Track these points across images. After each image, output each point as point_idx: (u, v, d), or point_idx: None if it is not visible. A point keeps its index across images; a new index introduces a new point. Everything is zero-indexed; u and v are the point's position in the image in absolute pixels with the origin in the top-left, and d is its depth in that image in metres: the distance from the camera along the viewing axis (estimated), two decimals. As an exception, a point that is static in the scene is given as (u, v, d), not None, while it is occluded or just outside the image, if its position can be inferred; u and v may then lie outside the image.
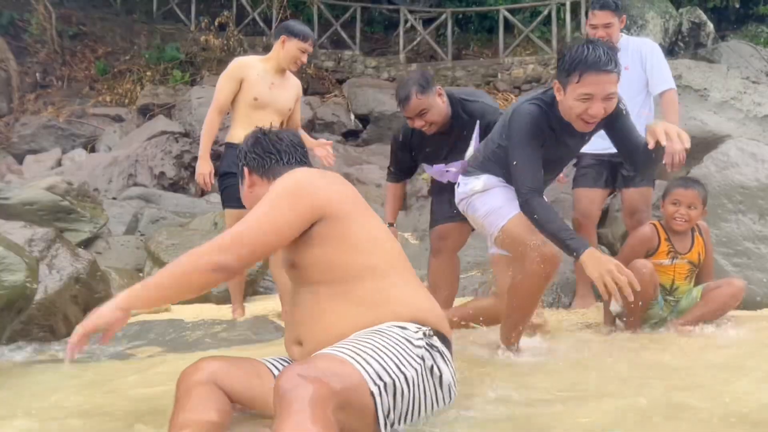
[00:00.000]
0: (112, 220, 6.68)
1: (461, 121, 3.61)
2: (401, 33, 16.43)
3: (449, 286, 3.82)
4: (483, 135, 3.50)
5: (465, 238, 3.93)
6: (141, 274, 5.46)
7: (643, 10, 15.19)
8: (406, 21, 16.63)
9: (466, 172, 3.23)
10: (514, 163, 2.87)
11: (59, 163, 11.51)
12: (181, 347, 3.62)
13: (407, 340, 1.87)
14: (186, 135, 11.36)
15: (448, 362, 1.97)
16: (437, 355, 1.91)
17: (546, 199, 2.95)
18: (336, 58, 15.90)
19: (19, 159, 12.10)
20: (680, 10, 15.34)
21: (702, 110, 6.83)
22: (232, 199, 3.88)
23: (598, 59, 2.66)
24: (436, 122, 3.53)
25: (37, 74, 15.45)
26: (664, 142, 2.73)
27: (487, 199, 3.06)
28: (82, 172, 10.03)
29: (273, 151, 2.24)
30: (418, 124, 3.54)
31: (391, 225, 4.02)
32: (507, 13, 15.97)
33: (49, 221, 5.43)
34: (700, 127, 6.29)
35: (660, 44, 16.22)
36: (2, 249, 3.34)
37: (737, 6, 15.24)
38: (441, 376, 1.91)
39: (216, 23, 15.97)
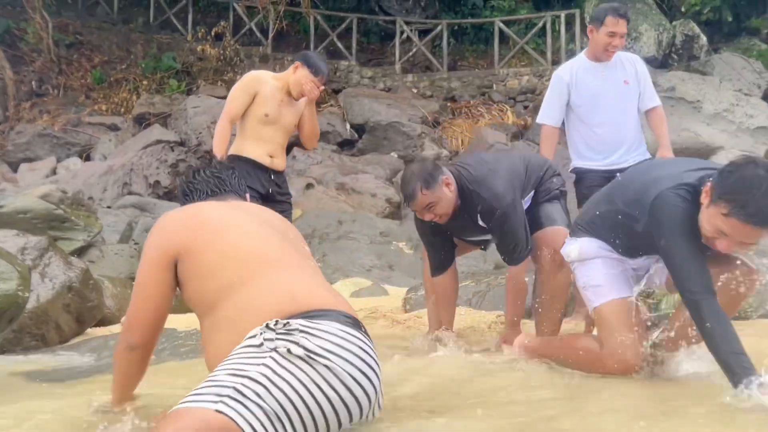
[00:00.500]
0: (107, 228, 6.66)
1: (466, 202, 3.37)
2: (397, 44, 16.49)
3: (448, 297, 3.73)
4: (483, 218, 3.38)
5: (464, 250, 3.85)
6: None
7: (636, 22, 15.26)
8: (402, 32, 16.69)
9: (571, 231, 3.05)
10: (675, 261, 2.50)
11: (54, 172, 11.51)
12: (174, 356, 3.59)
13: (248, 345, 1.79)
14: (181, 144, 11.36)
15: (317, 335, 1.80)
16: (298, 336, 1.77)
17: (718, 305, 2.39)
18: (332, 68, 15.94)
19: (14, 167, 12.10)
20: (674, 23, 15.44)
21: (695, 122, 6.86)
22: None
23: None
24: (446, 214, 3.31)
25: (33, 83, 15.47)
26: None
27: (587, 271, 2.84)
28: (77, 180, 10.04)
29: (188, 192, 2.35)
30: (428, 217, 3.32)
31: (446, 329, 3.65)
32: (502, 25, 16.05)
33: (42, 230, 5.40)
34: (694, 139, 6.32)
35: (654, 56, 16.34)
36: (-5, 258, 3.33)
37: (730, 19, 15.33)
38: (309, 352, 1.74)
39: (213, 33, 16.03)
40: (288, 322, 1.80)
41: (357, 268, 6.38)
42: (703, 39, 14.60)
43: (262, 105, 4.14)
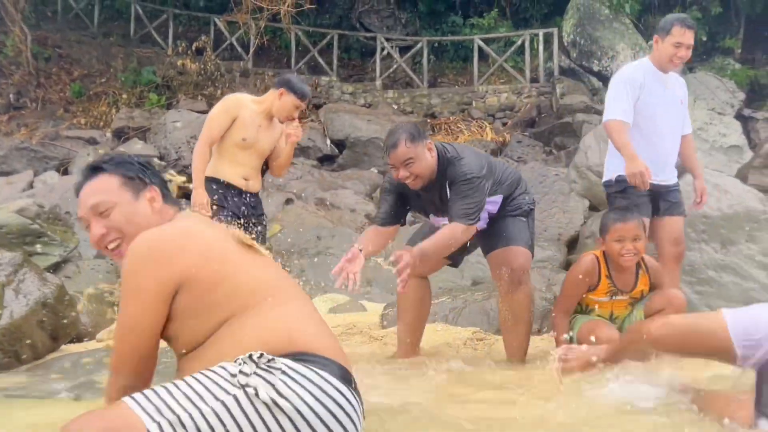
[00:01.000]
0: (83, 243, 6.58)
1: (440, 175, 3.39)
2: (378, 60, 16.58)
3: (414, 314, 3.70)
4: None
5: (435, 268, 3.78)
6: (107, 296, 5.38)
7: (614, 41, 15.50)
8: (382, 48, 16.78)
9: None
10: None
11: (31, 186, 11.37)
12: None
13: (218, 373, 1.69)
14: (161, 158, 11.29)
15: (298, 381, 1.68)
16: (277, 376, 1.66)
17: None
18: (313, 83, 15.97)
19: (-8, 181, 11.96)
20: (649, 42, 15.59)
21: (670, 140, 6.93)
22: None
23: None
24: (422, 176, 3.28)
25: (11, 96, 15.32)
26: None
27: None
28: (54, 194, 9.90)
29: (143, 171, 2.10)
30: (402, 174, 3.26)
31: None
32: (482, 43, 16.19)
33: (18, 244, 5.35)
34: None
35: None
36: (-31, 274, 3.29)
37: (704, 39, 15.54)
38: (277, 400, 1.63)
39: (193, 48, 16.01)
40: (273, 359, 1.69)
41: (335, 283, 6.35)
42: (678, 58, 14.81)
43: (240, 129, 4.15)
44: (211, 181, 4.15)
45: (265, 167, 4.53)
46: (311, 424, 1.65)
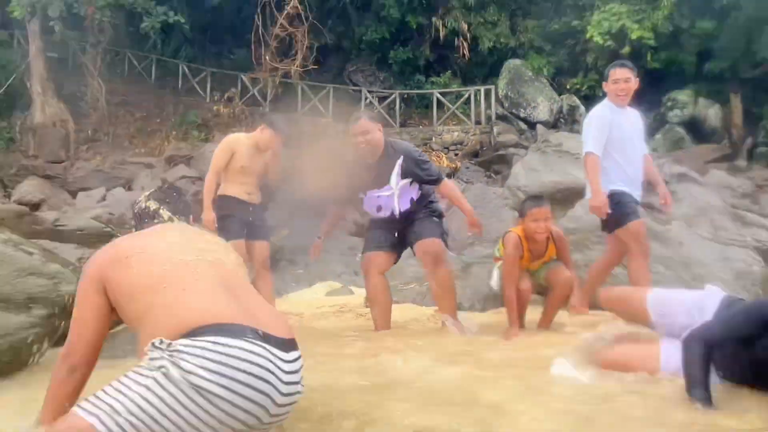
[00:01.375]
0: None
1: (388, 153, 3.48)
2: (362, 106, 16.58)
3: (383, 301, 3.60)
4: (404, 169, 3.44)
5: (390, 264, 3.69)
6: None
7: (535, 95, 15.70)
8: (366, 98, 16.81)
9: None
10: None
11: (104, 198, 11.27)
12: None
13: (137, 365, 1.50)
14: (200, 179, 11.22)
15: (197, 354, 1.44)
16: (177, 357, 1.44)
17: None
18: (313, 122, 15.94)
19: (73, 195, 11.83)
20: (561, 96, 15.87)
21: (575, 168, 6.91)
22: (229, 234, 3.84)
23: None
24: (371, 144, 3.44)
25: (89, 131, 15.19)
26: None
27: None
28: (121, 205, 9.81)
29: (140, 218, 2.10)
30: (360, 140, 3.44)
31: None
32: (439, 95, 16.32)
33: (95, 243, 5.32)
34: (574, 180, 6.38)
35: (547, 120, 16.57)
36: (59, 266, 3.25)
37: (601, 95, 15.74)
38: (185, 374, 1.41)
39: (225, 97, 16.08)
40: (170, 343, 1.47)
41: (331, 274, 6.35)
42: (582, 108, 14.96)
43: (239, 160, 4.10)
44: (224, 198, 4.12)
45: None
46: (225, 385, 1.42)
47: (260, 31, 13.46)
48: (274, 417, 1.51)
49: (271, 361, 1.49)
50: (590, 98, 16.05)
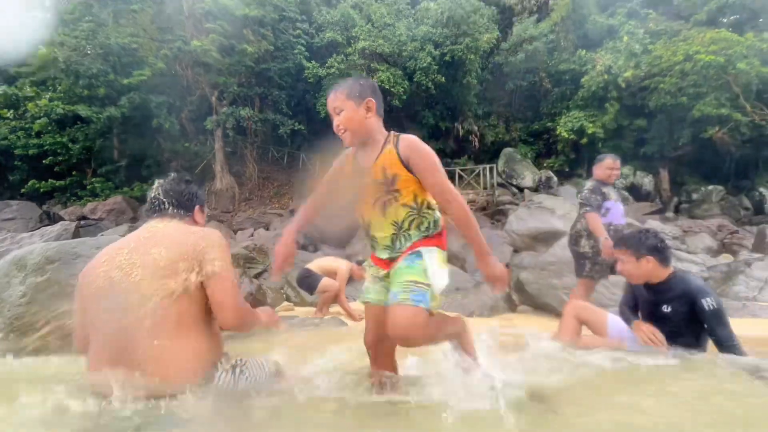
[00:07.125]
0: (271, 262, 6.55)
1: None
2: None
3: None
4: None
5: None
6: (282, 290, 4.96)
7: (523, 171, 15.25)
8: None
9: None
10: None
11: (252, 235, 11.64)
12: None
13: None
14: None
15: None
16: None
17: None
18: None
19: (235, 232, 12.28)
20: (541, 171, 15.34)
21: (552, 219, 6.65)
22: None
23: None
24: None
25: (246, 193, 15.87)
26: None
27: None
28: (261, 239, 10.10)
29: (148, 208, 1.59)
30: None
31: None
32: (460, 171, 15.82)
33: (242, 264, 5.44)
34: (550, 228, 6.10)
35: (531, 186, 15.81)
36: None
37: (567, 170, 15.19)
38: None
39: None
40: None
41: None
42: (555, 179, 14.50)
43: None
44: None
45: None
46: None
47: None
48: None
49: None
50: (560, 173, 15.56)
